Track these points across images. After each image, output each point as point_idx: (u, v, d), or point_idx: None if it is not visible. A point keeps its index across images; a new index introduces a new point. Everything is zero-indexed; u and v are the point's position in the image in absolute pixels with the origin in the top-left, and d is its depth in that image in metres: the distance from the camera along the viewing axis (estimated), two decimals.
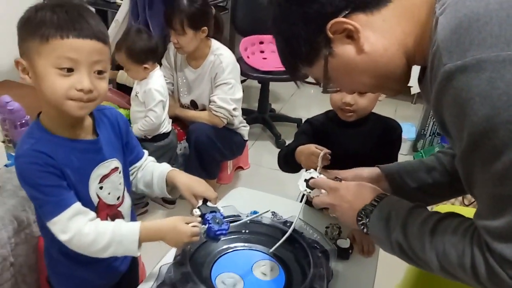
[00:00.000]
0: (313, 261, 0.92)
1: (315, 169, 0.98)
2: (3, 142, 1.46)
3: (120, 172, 0.96)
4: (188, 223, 0.88)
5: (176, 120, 2.09)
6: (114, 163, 0.93)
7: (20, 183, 0.83)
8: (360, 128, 1.16)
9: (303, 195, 0.95)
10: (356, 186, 0.85)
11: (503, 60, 0.50)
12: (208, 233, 0.91)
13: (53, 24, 0.74)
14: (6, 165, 1.42)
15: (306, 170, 0.98)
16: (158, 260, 1.87)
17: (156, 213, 2.15)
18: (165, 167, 1.05)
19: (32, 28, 0.75)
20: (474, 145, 0.55)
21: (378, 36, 0.66)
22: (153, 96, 1.84)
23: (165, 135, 1.97)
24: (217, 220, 0.92)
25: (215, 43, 2.00)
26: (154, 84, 1.85)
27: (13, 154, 1.45)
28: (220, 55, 1.95)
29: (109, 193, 0.93)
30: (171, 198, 2.11)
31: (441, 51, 0.55)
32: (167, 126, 1.96)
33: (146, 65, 1.83)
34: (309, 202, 0.96)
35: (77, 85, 0.76)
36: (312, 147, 1.07)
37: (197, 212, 0.95)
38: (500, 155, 0.52)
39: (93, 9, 0.85)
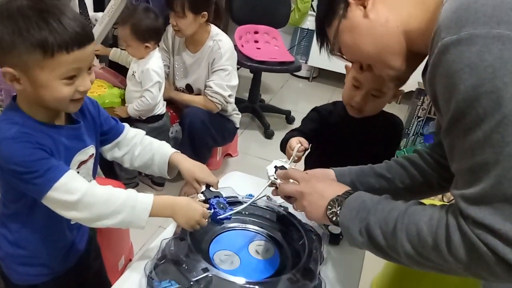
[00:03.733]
0: (308, 243, 0.95)
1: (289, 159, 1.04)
2: None
3: (93, 158, 0.95)
4: None
5: (169, 103, 2.09)
6: (91, 149, 0.93)
7: (7, 165, 0.78)
8: (365, 121, 1.18)
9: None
10: (328, 179, 0.91)
11: (492, 36, 0.55)
12: (213, 218, 0.93)
13: (56, 40, 0.73)
14: None
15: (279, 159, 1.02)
16: (144, 241, 1.88)
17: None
18: (167, 150, 1.05)
19: (27, 43, 0.72)
20: (459, 114, 0.59)
21: (385, 8, 0.75)
22: (150, 77, 1.84)
23: (159, 117, 1.97)
24: (221, 205, 0.94)
25: (214, 29, 2.00)
26: (152, 65, 1.85)
27: None
28: (219, 41, 1.96)
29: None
30: (161, 181, 2.12)
31: (441, 28, 0.60)
32: (161, 108, 1.96)
33: (148, 44, 1.83)
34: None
35: (80, 88, 0.80)
36: (294, 141, 1.10)
37: (201, 197, 0.96)
38: (481, 124, 0.57)
39: None
